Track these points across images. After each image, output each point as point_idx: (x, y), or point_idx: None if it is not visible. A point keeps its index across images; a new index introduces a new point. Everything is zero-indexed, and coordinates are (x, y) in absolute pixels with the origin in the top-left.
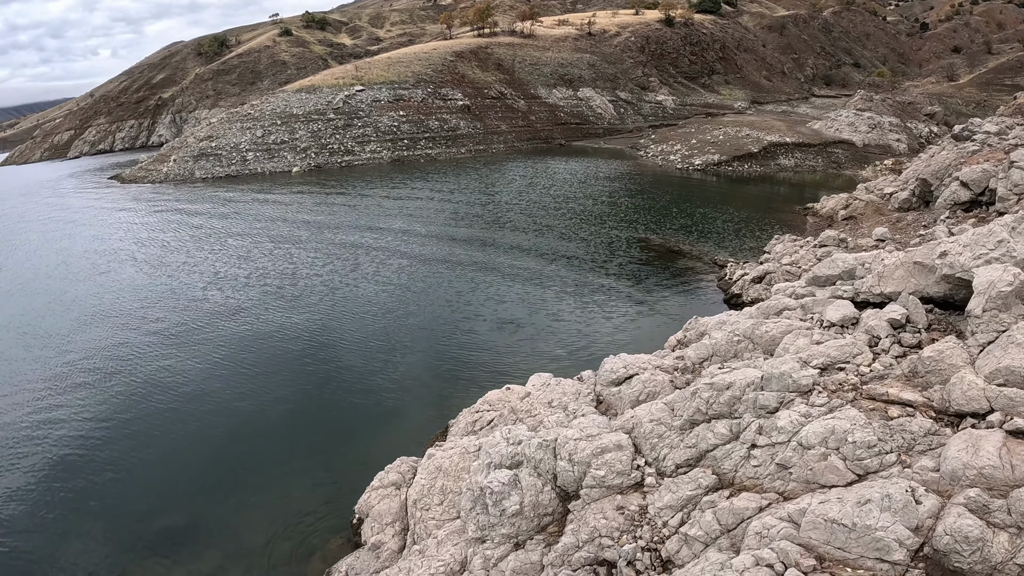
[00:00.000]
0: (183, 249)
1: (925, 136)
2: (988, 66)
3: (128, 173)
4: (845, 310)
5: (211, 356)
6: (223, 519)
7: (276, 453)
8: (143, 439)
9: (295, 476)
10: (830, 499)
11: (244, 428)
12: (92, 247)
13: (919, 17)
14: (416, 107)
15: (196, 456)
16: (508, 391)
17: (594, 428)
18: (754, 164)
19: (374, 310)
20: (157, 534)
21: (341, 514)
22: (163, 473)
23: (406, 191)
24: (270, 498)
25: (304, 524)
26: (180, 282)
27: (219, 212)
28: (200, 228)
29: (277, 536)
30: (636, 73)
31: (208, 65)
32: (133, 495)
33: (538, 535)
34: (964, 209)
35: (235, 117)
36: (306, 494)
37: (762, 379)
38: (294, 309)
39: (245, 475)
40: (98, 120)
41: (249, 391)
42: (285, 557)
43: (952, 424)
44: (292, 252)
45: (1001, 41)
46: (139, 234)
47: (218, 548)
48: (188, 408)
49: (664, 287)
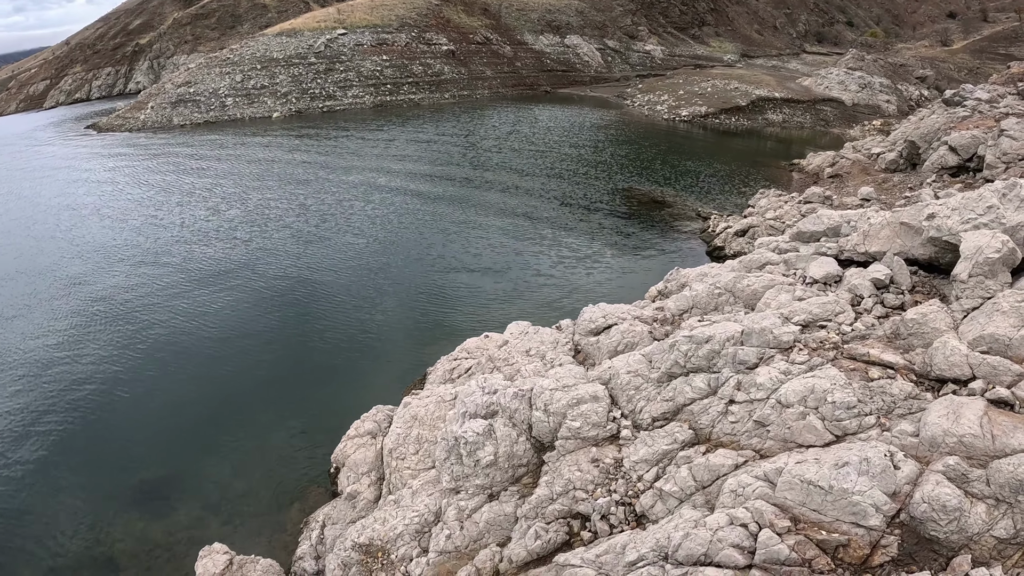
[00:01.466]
0: (153, 201)
1: (915, 99)
2: (983, 34)
3: (105, 122)
4: (829, 267)
5: (183, 308)
6: (201, 470)
7: (253, 403)
8: (117, 392)
9: (273, 426)
10: (807, 459)
11: (220, 378)
12: (60, 201)
13: None
14: (400, 51)
15: (173, 408)
16: (486, 339)
17: (570, 378)
18: (741, 118)
19: (352, 258)
20: (135, 487)
21: (319, 463)
22: (139, 426)
23: (387, 137)
24: (248, 448)
25: (282, 474)
26: (149, 235)
27: (194, 161)
28: (173, 178)
29: (255, 486)
30: (625, 22)
31: (186, 9)
32: (109, 449)
33: (512, 486)
34: (951, 174)
35: (214, 62)
36: (284, 444)
37: (742, 334)
38: (270, 258)
39: (222, 426)
40: (74, 69)
41: (224, 342)
42: (264, 507)
43: (933, 389)
44: (267, 201)
45: (998, 10)
46: (110, 185)
47: (196, 499)
48: (162, 360)
49: (646, 238)
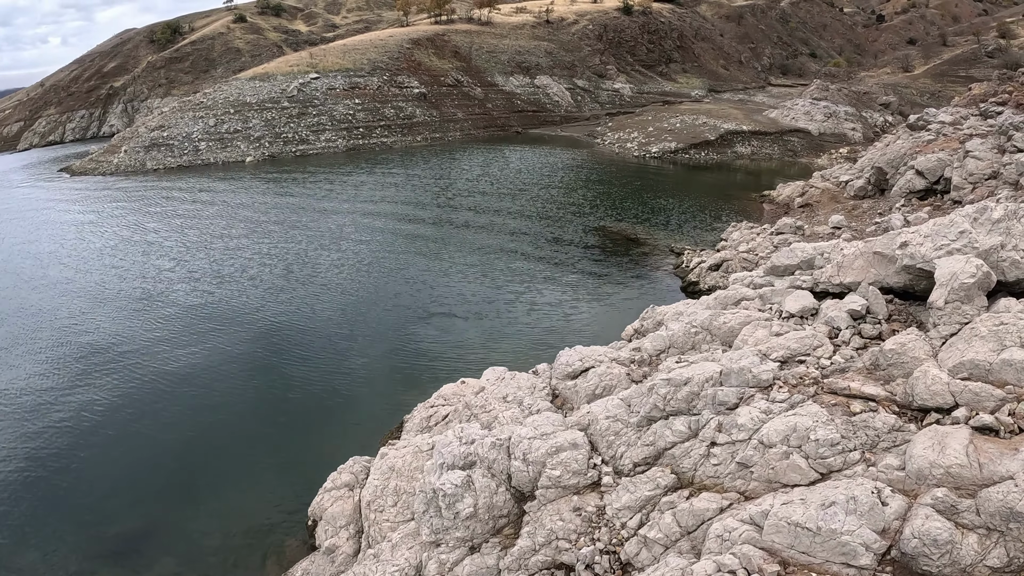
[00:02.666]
0: (125, 248)
1: (880, 125)
2: (943, 58)
3: (78, 165)
4: (804, 301)
5: (155, 357)
6: (177, 523)
7: (229, 454)
8: (94, 443)
9: (249, 478)
10: (793, 500)
11: (196, 429)
12: (27, 248)
13: (875, 9)
14: (372, 95)
15: (146, 459)
16: (463, 385)
17: (549, 426)
18: (711, 152)
19: (325, 304)
20: (111, 540)
21: (296, 516)
22: (116, 478)
23: (359, 181)
24: (224, 501)
25: (259, 527)
26: (127, 283)
27: (166, 206)
28: (144, 224)
29: (232, 540)
30: (594, 61)
31: (161, 53)
32: (86, 500)
33: (494, 538)
34: (919, 197)
35: (187, 106)
36: (261, 496)
37: (721, 374)
38: (241, 306)
39: (198, 478)
40: (48, 111)
41: (198, 392)
42: (241, 562)
43: (916, 419)
44: (238, 247)
45: (956, 34)
46: (79, 231)
47: (172, 553)
48: (134, 411)
49: (620, 275)
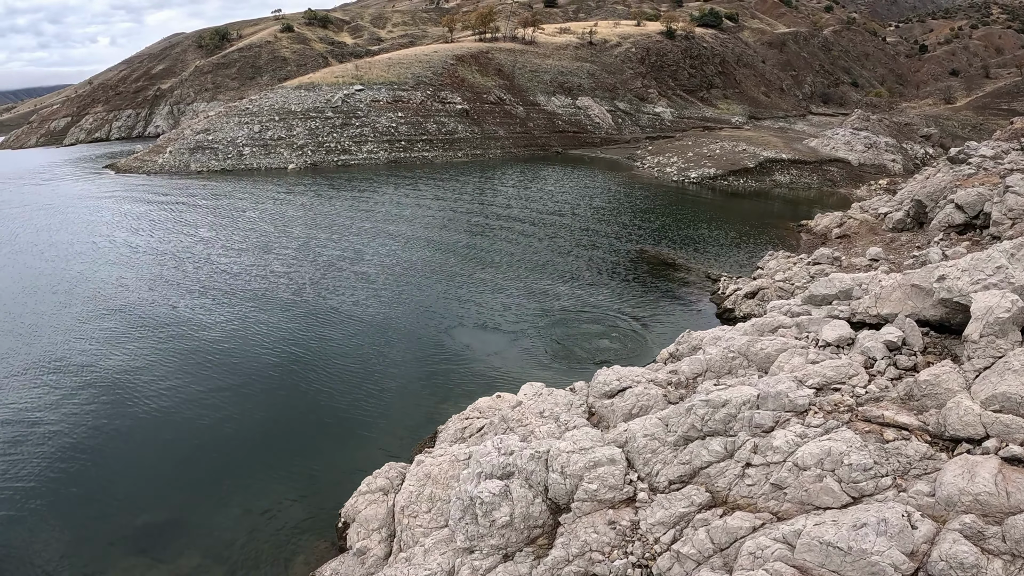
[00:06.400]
0: (169, 245)
1: (920, 157)
2: (985, 90)
3: (123, 162)
4: (841, 330)
5: (198, 356)
6: (205, 517)
7: (260, 454)
8: (124, 435)
9: (279, 478)
10: (825, 521)
11: (229, 428)
12: (75, 238)
13: (918, 39)
14: (415, 109)
15: (179, 453)
16: (499, 399)
17: (587, 441)
18: (750, 179)
19: (364, 313)
20: (137, 530)
21: (325, 518)
22: (146, 470)
23: (400, 193)
24: (253, 498)
25: (287, 527)
26: (166, 278)
27: (212, 206)
28: (193, 222)
29: (260, 537)
30: (635, 84)
31: (208, 58)
32: (114, 491)
33: (527, 547)
34: (958, 232)
35: (233, 111)
36: (290, 496)
37: (758, 397)
38: (283, 310)
39: (229, 474)
40: (95, 108)
41: (234, 391)
42: (267, 558)
43: (947, 449)
44: (282, 251)
45: (999, 66)
46: (128, 225)
47: (199, 547)
48: (170, 406)
49: (656, 299)
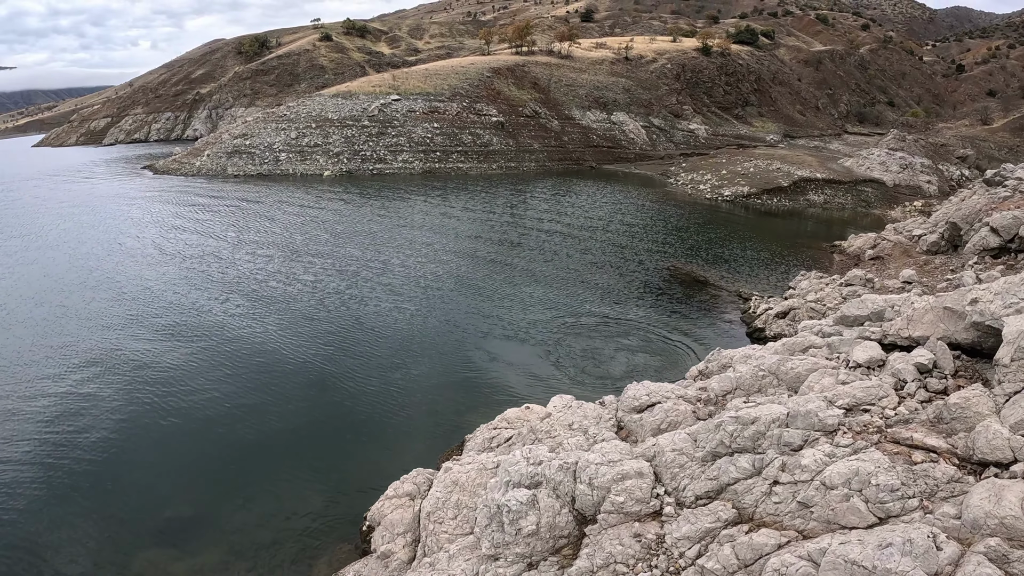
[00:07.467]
0: (204, 246)
1: (956, 179)
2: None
3: (161, 164)
4: (872, 352)
5: (229, 357)
6: (230, 515)
7: (287, 455)
8: (152, 432)
9: (305, 479)
10: (851, 540)
11: (257, 428)
12: (109, 237)
13: (955, 59)
14: (450, 120)
15: (207, 451)
16: (527, 410)
17: (615, 454)
18: (783, 198)
19: (394, 322)
20: (162, 525)
21: (349, 521)
22: (172, 466)
23: (434, 203)
24: (279, 498)
25: (311, 528)
26: (195, 282)
27: (249, 210)
28: (230, 224)
29: (284, 537)
30: (670, 100)
31: (247, 64)
32: (140, 486)
33: (552, 556)
34: (993, 255)
35: (270, 117)
36: (315, 498)
37: (787, 416)
38: (314, 315)
39: (256, 473)
40: (135, 110)
41: (265, 392)
42: (291, 558)
43: (975, 472)
44: (315, 257)
45: None
46: (166, 224)
47: (223, 543)
48: (198, 405)
49: (687, 316)
